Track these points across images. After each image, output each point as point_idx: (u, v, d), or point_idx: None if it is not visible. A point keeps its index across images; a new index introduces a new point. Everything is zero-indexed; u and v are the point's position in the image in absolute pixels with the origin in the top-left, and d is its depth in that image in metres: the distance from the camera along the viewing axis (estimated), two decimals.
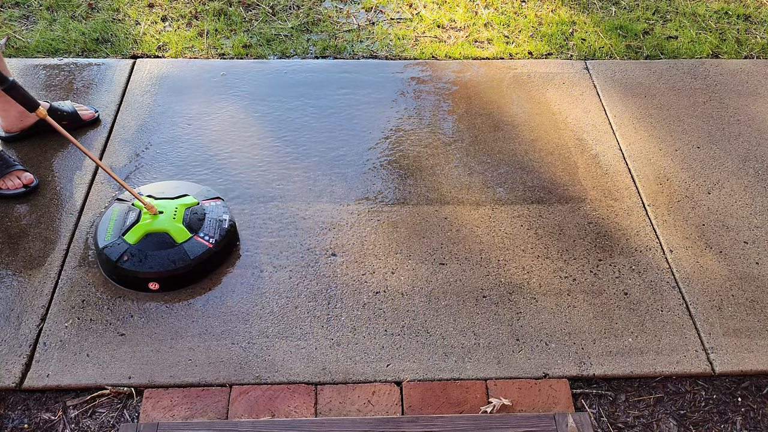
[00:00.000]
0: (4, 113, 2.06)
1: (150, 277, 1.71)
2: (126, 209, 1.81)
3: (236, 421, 1.49)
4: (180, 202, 1.81)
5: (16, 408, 1.54)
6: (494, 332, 1.70)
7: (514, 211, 1.99)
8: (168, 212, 1.77)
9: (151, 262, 1.70)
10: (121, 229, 1.76)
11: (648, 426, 1.55)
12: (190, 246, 1.74)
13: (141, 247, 1.72)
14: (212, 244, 1.76)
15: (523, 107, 2.35)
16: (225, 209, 1.86)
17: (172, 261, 1.71)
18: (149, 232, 1.74)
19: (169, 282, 1.73)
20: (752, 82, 2.48)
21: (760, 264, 1.87)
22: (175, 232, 1.74)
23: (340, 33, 2.68)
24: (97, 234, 1.78)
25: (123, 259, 1.71)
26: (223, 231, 1.81)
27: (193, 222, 1.78)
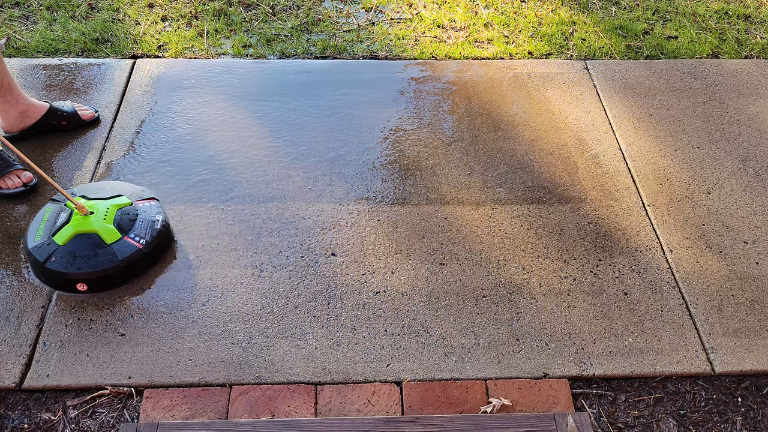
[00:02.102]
0: (4, 114, 2.06)
1: (78, 278, 1.70)
2: (58, 209, 1.80)
3: (236, 421, 1.49)
4: (112, 203, 1.80)
5: (16, 408, 1.54)
6: (494, 332, 1.70)
7: (514, 211, 1.99)
8: (99, 213, 1.76)
9: (79, 263, 1.69)
10: (51, 230, 1.75)
11: (648, 426, 1.55)
12: (119, 247, 1.73)
13: (70, 248, 1.71)
14: (142, 244, 1.75)
15: (523, 107, 2.35)
16: (159, 210, 1.85)
17: (100, 262, 1.70)
18: (78, 233, 1.72)
19: (97, 283, 1.72)
20: (752, 82, 2.48)
21: (760, 264, 1.87)
22: (105, 233, 1.73)
23: (340, 33, 2.68)
24: (28, 234, 1.77)
25: (51, 260, 1.69)
26: (155, 232, 1.79)
27: (124, 223, 1.77)
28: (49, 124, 2.14)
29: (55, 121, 2.14)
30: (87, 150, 2.13)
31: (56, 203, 1.83)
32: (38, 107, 2.11)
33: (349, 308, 1.74)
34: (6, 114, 2.07)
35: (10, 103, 2.05)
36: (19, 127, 2.10)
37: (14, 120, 2.09)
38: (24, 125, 2.11)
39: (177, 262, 1.82)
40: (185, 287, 1.77)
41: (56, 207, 1.81)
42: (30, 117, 2.10)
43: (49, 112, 2.12)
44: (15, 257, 1.82)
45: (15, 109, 2.07)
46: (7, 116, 2.08)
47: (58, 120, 2.14)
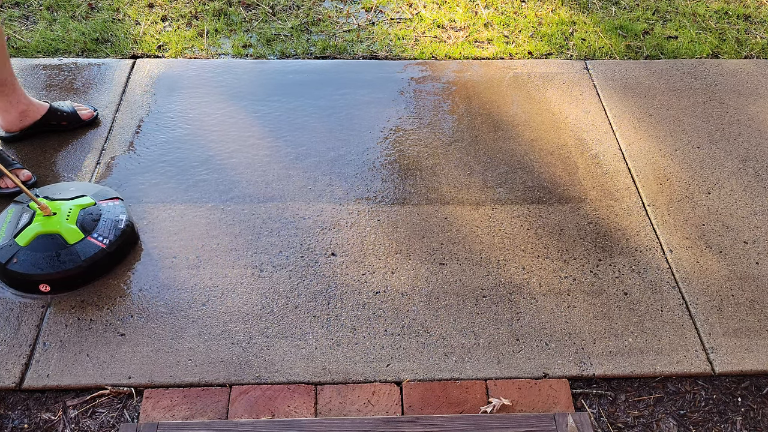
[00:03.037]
0: (5, 113, 2.06)
1: (40, 279, 1.69)
2: (21, 210, 1.79)
3: (236, 421, 1.49)
4: (75, 203, 1.79)
5: (16, 408, 1.54)
6: (494, 332, 1.70)
7: (514, 211, 1.99)
8: (62, 213, 1.75)
9: (42, 263, 1.69)
10: (13, 231, 1.74)
11: (648, 426, 1.55)
12: (82, 247, 1.72)
13: (32, 249, 1.70)
14: (105, 244, 1.75)
15: (523, 107, 2.35)
16: (123, 210, 1.84)
17: (63, 262, 1.69)
18: (41, 234, 1.72)
19: (60, 284, 1.71)
20: (752, 82, 2.48)
21: (760, 264, 1.87)
22: (67, 233, 1.72)
23: (340, 33, 2.68)
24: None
25: (12, 261, 1.68)
26: (119, 231, 1.79)
27: (87, 223, 1.76)
28: (49, 124, 2.14)
29: (55, 121, 2.14)
30: (87, 150, 2.13)
31: (18, 204, 1.82)
32: (38, 107, 2.11)
33: (349, 308, 1.74)
34: (6, 113, 2.07)
35: (12, 102, 2.05)
36: (19, 126, 2.10)
37: (14, 119, 2.09)
38: (24, 125, 2.11)
39: (177, 261, 1.82)
40: (185, 287, 1.77)
41: (18, 208, 1.81)
42: (30, 117, 2.10)
43: (49, 112, 2.12)
44: None
45: (16, 109, 2.07)
46: (8, 115, 2.08)
47: (58, 120, 2.14)
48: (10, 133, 2.12)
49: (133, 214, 1.94)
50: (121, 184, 2.03)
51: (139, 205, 1.97)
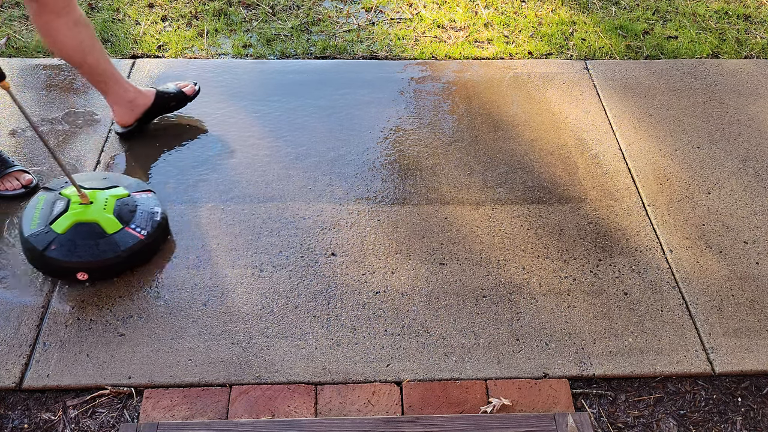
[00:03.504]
0: (116, 106, 2.08)
1: (79, 267, 1.69)
2: (53, 198, 1.77)
3: (236, 421, 1.49)
4: (110, 193, 1.79)
5: (16, 408, 1.54)
6: (494, 332, 1.70)
7: (514, 211, 1.99)
8: (98, 203, 1.74)
9: (81, 252, 1.68)
10: (48, 218, 1.72)
11: (648, 426, 1.55)
12: (121, 237, 1.72)
13: (70, 237, 1.69)
14: (144, 236, 1.75)
15: (523, 107, 2.35)
16: (157, 202, 1.85)
17: (102, 251, 1.69)
18: (79, 222, 1.71)
19: (98, 273, 1.72)
20: (752, 82, 2.48)
21: (760, 264, 1.87)
22: (106, 223, 1.72)
23: (340, 33, 2.68)
24: (22, 221, 1.75)
25: (50, 248, 1.67)
26: (155, 223, 1.79)
27: (124, 213, 1.76)
28: (161, 109, 2.17)
29: (164, 104, 2.17)
30: (87, 149, 2.13)
31: (49, 192, 1.81)
32: (146, 94, 2.13)
33: (349, 308, 1.74)
34: (117, 106, 2.08)
35: (119, 93, 2.05)
36: (133, 117, 2.11)
37: (126, 110, 2.09)
38: (136, 114, 2.12)
39: (177, 261, 1.82)
40: (185, 287, 1.77)
41: (50, 195, 1.79)
42: (140, 105, 2.11)
43: (157, 97, 2.14)
44: (14, 257, 1.82)
45: (124, 99, 2.07)
46: (119, 108, 2.08)
47: (167, 102, 2.17)
48: (126, 127, 2.13)
49: None
50: None
51: None
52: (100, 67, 1.97)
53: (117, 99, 2.06)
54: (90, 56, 1.93)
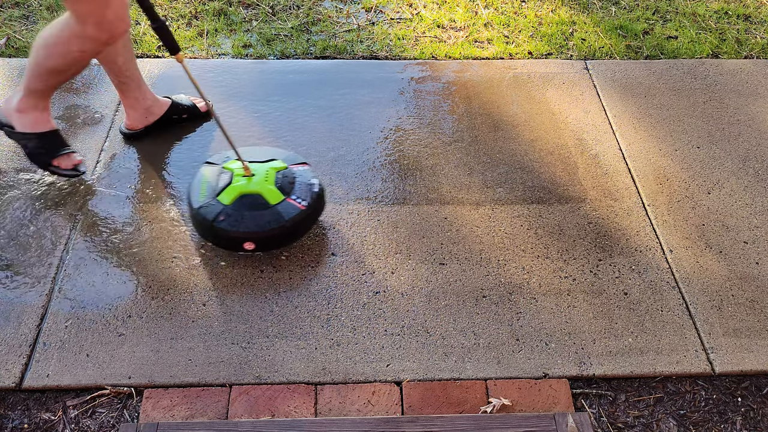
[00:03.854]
0: (131, 110, 2.08)
1: (246, 237, 1.74)
2: (217, 172, 1.83)
3: (236, 421, 1.49)
4: (270, 166, 1.83)
5: (16, 408, 1.54)
6: (494, 332, 1.70)
7: (514, 211, 1.99)
8: (260, 175, 1.80)
9: (247, 222, 1.73)
10: (214, 191, 1.78)
11: (648, 426, 1.55)
12: (283, 207, 1.76)
13: (235, 208, 1.74)
14: (304, 206, 1.78)
15: (523, 107, 2.35)
16: (313, 174, 1.88)
17: (267, 222, 1.74)
18: (243, 194, 1.76)
19: (263, 242, 1.77)
20: (752, 82, 2.48)
21: (760, 264, 1.87)
22: (269, 194, 1.77)
23: (340, 33, 2.68)
24: (191, 195, 1.81)
25: (219, 219, 1.73)
26: (314, 194, 1.82)
27: (284, 185, 1.80)
28: (170, 118, 2.17)
29: (176, 115, 2.18)
30: (87, 149, 2.13)
31: (211, 165, 1.87)
32: (162, 103, 2.14)
33: (349, 308, 1.74)
34: (133, 110, 2.08)
35: (138, 99, 2.06)
36: (144, 123, 2.12)
37: (140, 116, 2.10)
38: (148, 121, 2.12)
39: (177, 261, 1.82)
40: (185, 287, 1.77)
41: (213, 169, 1.85)
42: (154, 113, 2.12)
43: (171, 107, 2.16)
44: (14, 256, 1.82)
45: (142, 105, 2.08)
46: (134, 112, 2.09)
47: (179, 113, 2.18)
48: (133, 131, 2.13)
49: (133, 213, 1.94)
50: (121, 183, 2.03)
51: (139, 204, 1.97)
52: (128, 70, 1.99)
53: (134, 103, 2.07)
54: (121, 57, 1.95)
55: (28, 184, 2.02)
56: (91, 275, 1.78)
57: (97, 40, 1.62)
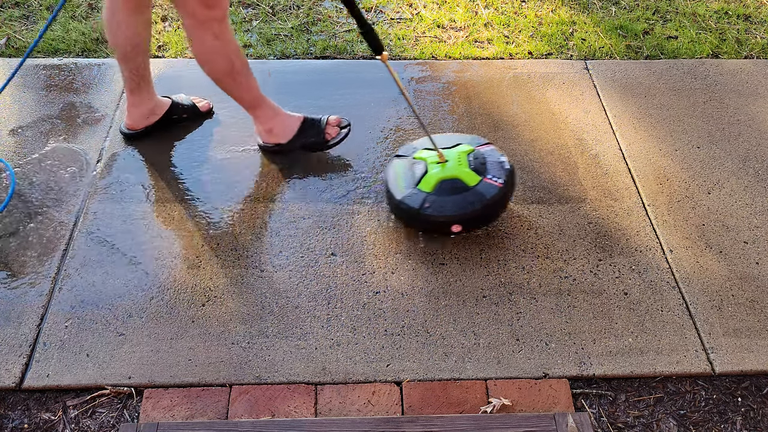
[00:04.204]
0: (135, 109, 2.08)
1: (453, 220, 1.80)
2: (409, 163, 1.90)
3: (236, 421, 1.49)
4: (458, 150, 1.89)
5: (16, 408, 1.54)
6: (494, 332, 1.70)
7: (514, 211, 1.99)
8: (452, 160, 1.85)
9: (451, 206, 1.79)
10: (412, 181, 1.85)
11: (648, 426, 1.55)
12: (482, 188, 1.81)
13: (437, 194, 1.80)
14: (501, 184, 1.83)
15: (523, 107, 2.35)
16: (501, 153, 1.92)
17: (471, 203, 1.79)
18: (442, 179, 1.82)
19: (469, 223, 1.84)
20: (752, 82, 2.48)
21: (760, 264, 1.87)
22: (466, 177, 1.82)
23: (340, 33, 2.68)
24: (390, 188, 1.88)
25: (425, 206, 1.79)
26: (506, 171, 1.86)
27: (477, 166, 1.85)
28: (171, 119, 2.17)
29: (176, 115, 2.18)
30: (87, 149, 2.13)
31: (401, 158, 1.94)
32: (163, 103, 2.14)
33: (349, 308, 1.74)
34: (137, 110, 2.08)
35: (144, 99, 2.07)
36: (144, 123, 2.12)
37: (142, 116, 2.10)
38: (149, 122, 2.12)
39: (176, 261, 1.83)
40: (185, 287, 1.77)
41: (405, 161, 1.92)
42: (156, 114, 2.12)
43: (171, 107, 2.16)
44: (15, 256, 1.82)
45: (147, 106, 2.08)
46: (138, 112, 2.09)
47: (180, 113, 2.19)
48: (134, 131, 2.12)
49: (133, 213, 1.94)
50: (121, 183, 2.03)
51: (139, 204, 1.97)
52: (145, 69, 2.02)
53: (139, 102, 2.07)
54: (141, 56, 1.96)
55: (29, 183, 2.02)
56: (91, 275, 1.78)
57: (214, 17, 1.74)
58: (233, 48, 1.85)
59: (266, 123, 2.06)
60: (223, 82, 1.92)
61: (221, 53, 1.83)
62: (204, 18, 1.74)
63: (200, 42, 1.80)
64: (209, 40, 1.79)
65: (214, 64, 1.86)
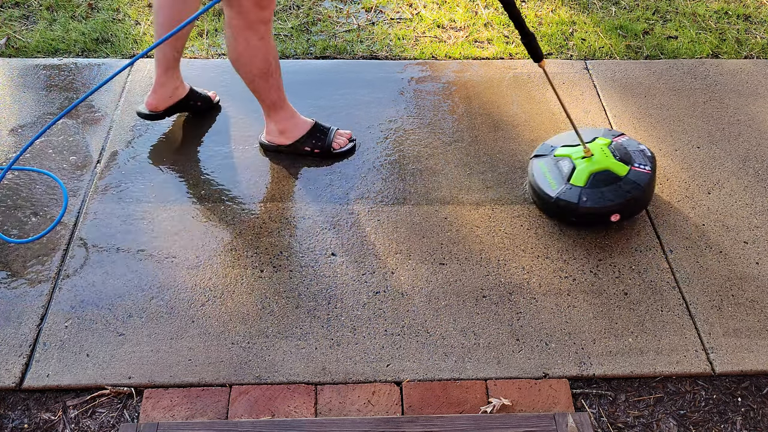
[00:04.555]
0: (161, 88, 2.09)
1: (612, 210, 1.85)
2: (552, 161, 1.96)
3: (236, 421, 1.49)
4: (599, 143, 1.95)
5: (16, 408, 1.54)
6: (494, 332, 1.70)
7: (514, 211, 1.99)
8: (597, 153, 1.91)
9: (609, 196, 1.85)
10: (562, 177, 1.90)
11: (648, 426, 1.55)
12: (634, 176, 1.87)
13: (592, 187, 1.86)
14: (649, 170, 1.90)
15: (523, 107, 2.35)
16: (638, 141, 1.99)
17: (627, 191, 1.85)
18: (593, 172, 1.88)
19: (626, 211, 1.88)
20: (752, 82, 2.48)
21: (760, 264, 1.87)
22: (615, 167, 1.88)
23: (340, 33, 2.68)
24: (542, 188, 1.92)
25: (583, 200, 1.85)
26: (649, 158, 1.93)
27: (622, 156, 1.92)
28: (188, 104, 2.19)
29: (193, 101, 2.20)
30: (87, 149, 2.13)
31: (541, 157, 2.00)
32: (184, 86, 2.17)
33: (349, 308, 1.74)
34: (163, 89, 2.10)
35: (173, 77, 2.09)
36: (167, 103, 2.13)
37: (166, 96, 2.11)
38: (170, 102, 2.14)
39: (176, 261, 1.83)
40: (185, 287, 1.77)
41: (546, 160, 1.98)
42: (178, 95, 2.14)
43: (190, 92, 2.18)
44: (15, 257, 1.82)
45: (173, 84, 2.11)
46: (163, 92, 2.10)
47: (195, 100, 2.21)
48: (155, 112, 2.14)
49: (133, 214, 1.94)
50: (121, 183, 2.03)
51: (139, 204, 1.97)
52: (183, 47, 2.07)
53: (167, 81, 2.09)
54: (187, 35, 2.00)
55: (29, 183, 2.02)
56: (91, 275, 1.78)
57: (263, 18, 1.78)
58: (273, 49, 1.88)
59: (281, 123, 2.07)
60: (256, 82, 1.93)
61: (262, 54, 1.85)
62: (255, 19, 1.76)
63: (246, 43, 1.81)
64: (254, 41, 1.81)
65: (252, 65, 1.87)
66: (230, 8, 1.76)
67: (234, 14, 1.77)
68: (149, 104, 2.12)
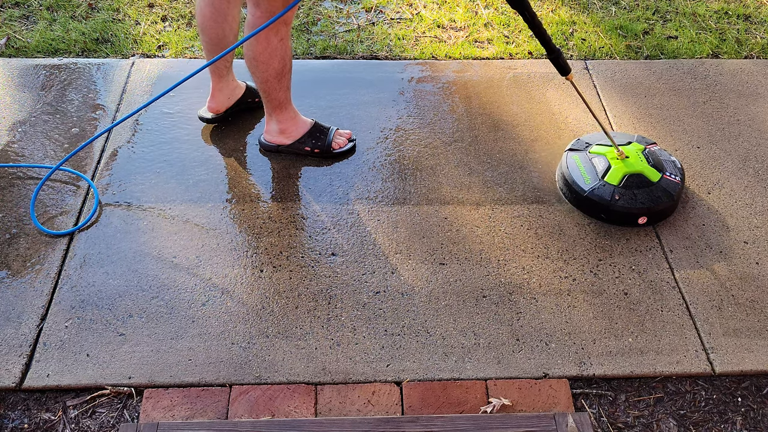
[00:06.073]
0: (219, 93, 2.13)
1: (641, 212, 1.90)
2: (587, 157, 2.01)
3: (236, 421, 1.49)
4: (633, 148, 1.99)
5: (16, 408, 1.54)
6: (494, 332, 1.70)
7: (514, 211, 1.99)
8: (633, 156, 1.95)
9: (640, 199, 1.90)
10: (596, 174, 1.95)
11: (648, 426, 1.55)
12: (666, 184, 1.93)
13: (625, 187, 1.90)
14: (679, 180, 1.95)
15: (523, 107, 2.35)
16: (668, 152, 2.05)
17: (658, 197, 1.91)
18: (628, 174, 1.92)
19: (654, 216, 1.92)
20: (752, 82, 2.48)
21: (760, 264, 1.87)
22: (649, 173, 1.93)
23: (340, 33, 2.68)
24: (575, 180, 1.96)
25: (615, 199, 1.89)
26: (680, 169, 1.99)
27: (655, 163, 1.96)
28: (245, 102, 2.22)
29: (250, 99, 2.23)
30: (87, 149, 2.13)
31: (575, 152, 2.04)
32: (241, 85, 2.20)
33: (349, 308, 1.74)
34: (221, 93, 2.13)
35: (228, 81, 2.13)
36: (226, 105, 2.17)
37: (225, 98, 2.15)
38: (230, 103, 2.17)
39: (176, 261, 1.83)
40: (185, 287, 1.77)
41: (582, 155, 2.02)
42: (235, 95, 2.17)
43: (247, 90, 2.21)
44: (15, 257, 1.82)
45: (229, 87, 2.14)
46: (221, 95, 2.13)
47: (252, 97, 2.23)
48: (217, 114, 2.17)
49: (134, 213, 1.94)
50: (122, 183, 2.03)
51: (139, 204, 1.97)
52: (229, 59, 2.09)
53: (224, 86, 2.12)
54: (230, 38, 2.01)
55: (28, 183, 2.02)
56: (91, 275, 1.78)
57: (286, 19, 1.80)
58: (289, 50, 1.90)
59: (284, 123, 2.07)
60: (269, 82, 1.93)
61: (279, 55, 1.86)
62: (280, 20, 1.76)
63: (266, 43, 1.82)
64: (275, 42, 1.82)
65: (269, 65, 1.87)
66: (257, 8, 1.76)
67: (261, 14, 1.76)
68: (211, 108, 2.16)
